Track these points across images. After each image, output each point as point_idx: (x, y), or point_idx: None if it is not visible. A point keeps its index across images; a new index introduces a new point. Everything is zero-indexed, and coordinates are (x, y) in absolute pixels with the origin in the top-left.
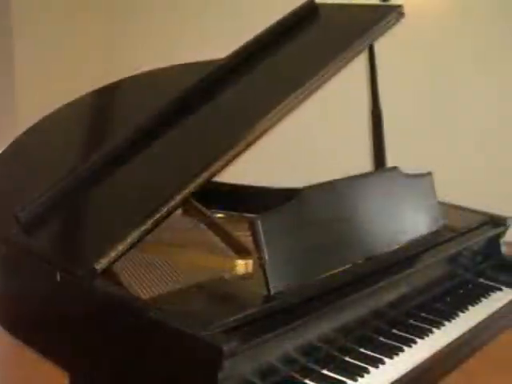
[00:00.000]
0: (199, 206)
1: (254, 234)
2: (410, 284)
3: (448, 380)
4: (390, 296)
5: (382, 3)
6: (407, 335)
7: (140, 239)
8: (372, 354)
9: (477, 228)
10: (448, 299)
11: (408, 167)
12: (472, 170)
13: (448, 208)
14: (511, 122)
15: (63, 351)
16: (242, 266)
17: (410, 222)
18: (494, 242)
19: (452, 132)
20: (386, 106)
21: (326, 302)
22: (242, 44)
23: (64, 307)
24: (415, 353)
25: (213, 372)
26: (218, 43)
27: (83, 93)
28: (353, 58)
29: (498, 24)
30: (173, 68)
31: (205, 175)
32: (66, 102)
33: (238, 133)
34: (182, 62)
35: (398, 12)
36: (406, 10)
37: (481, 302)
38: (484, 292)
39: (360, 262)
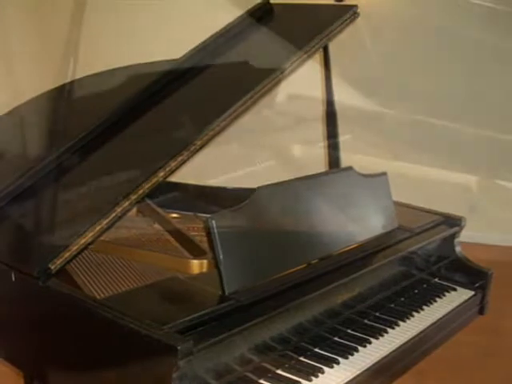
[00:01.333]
0: (154, 205)
1: (209, 234)
2: (365, 284)
3: (400, 380)
4: (345, 296)
5: (337, 3)
6: (362, 335)
7: (95, 239)
8: (327, 353)
9: (432, 228)
10: (403, 299)
11: (361, 167)
12: (423, 171)
13: (403, 208)
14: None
15: (19, 351)
16: (197, 265)
17: (365, 222)
18: (449, 242)
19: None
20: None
21: (281, 301)
22: (194, 45)
23: (20, 307)
24: (370, 353)
25: (167, 372)
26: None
27: (31, 96)
28: (308, 57)
29: (449, 26)
30: (120, 70)
31: (160, 174)
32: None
33: (193, 132)
34: (133, 63)
35: (353, 12)
36: (362, 10)
37: (436, 302)
38: (439, 292)
39: (315, 261)
